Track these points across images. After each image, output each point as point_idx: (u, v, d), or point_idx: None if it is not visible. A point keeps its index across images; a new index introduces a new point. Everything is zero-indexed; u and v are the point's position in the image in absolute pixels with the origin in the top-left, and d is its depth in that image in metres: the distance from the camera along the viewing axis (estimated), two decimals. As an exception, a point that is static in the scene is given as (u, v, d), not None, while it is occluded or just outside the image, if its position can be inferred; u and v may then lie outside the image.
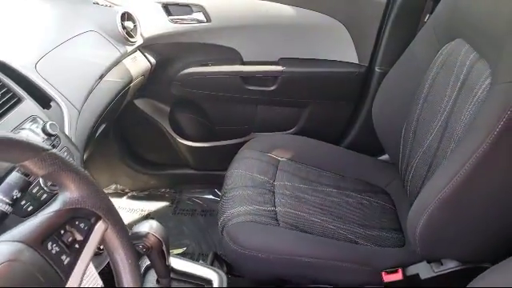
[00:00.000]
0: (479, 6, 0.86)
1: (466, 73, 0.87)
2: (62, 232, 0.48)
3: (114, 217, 0.53)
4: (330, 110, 1.42)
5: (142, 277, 0.86)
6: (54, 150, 0.47)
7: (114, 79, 1.15)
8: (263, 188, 1.09)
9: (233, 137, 1.50)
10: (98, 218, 0.52)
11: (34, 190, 0.68)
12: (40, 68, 0.89)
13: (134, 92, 1.33)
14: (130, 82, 1.23)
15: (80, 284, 0.48)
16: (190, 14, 1.32)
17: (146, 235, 0.69)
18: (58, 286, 0.44)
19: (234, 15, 1.32)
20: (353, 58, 1.32)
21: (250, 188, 1.08)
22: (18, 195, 0.53)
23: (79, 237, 0.49)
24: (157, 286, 0.84)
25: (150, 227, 0.72)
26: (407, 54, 1.13)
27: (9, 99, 0.77)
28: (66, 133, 0.85)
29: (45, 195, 0.70)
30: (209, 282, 0.88)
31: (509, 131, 0.67)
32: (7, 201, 0.52)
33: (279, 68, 1.35)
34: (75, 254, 0.48)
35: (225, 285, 0.88)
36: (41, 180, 0.70)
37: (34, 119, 0.78)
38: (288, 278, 0.95)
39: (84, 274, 0.49)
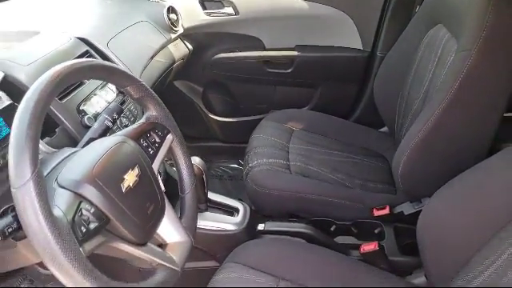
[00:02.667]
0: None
1: (441, 50, 1.09)
2: (148, 135, 0.75)
3: (178, 133, 0.80)
4: (339, 89, 1.66)
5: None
6: (144, 83, 0.74)
7: (162, 60, 1.43)
8: (279, 148, 1.32)
9: (255, 113, 1.75)
10: (168, 132, 0.78)
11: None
12: (110, 46, 1.18)
13: (175, 73, 1.61)
14: (173, 63, 1.51)
15: (158, 168, 0.74)
16: (221, 9, 1.60)
17: None
18: (149, 166, 0.70)
19: (257, 9, 1.59)
20: (357, 44, 1.56)
21: (268, 147, 1.32)
22: (116, 116, 0.81)
23: (158, 140, 0.76)
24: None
25: (193, 160, 0.97)
26: (401, 40, 1.35)
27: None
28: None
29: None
30: (236, 209, 1.14)
31: (463, 89, 0.91)
32: (110, 119, 0.79)
33: (295, 53, 1.61)
34: (156, 149, 0.75)
35: (248, 213, 1.14)
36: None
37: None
38: (297, 212, 1.19)
39: (160, 163, 0.75)
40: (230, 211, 1.13)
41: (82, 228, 0.54)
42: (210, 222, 1.07)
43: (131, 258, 0.64)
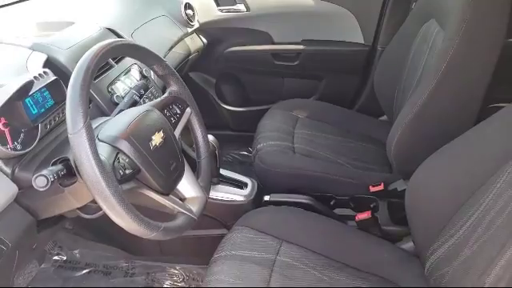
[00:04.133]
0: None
1: (432, 41, 1.20)
2: (170, 107, 0.88)
3: (195, 107, 0.93)
4: (342, 80, 1.78)
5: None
6: (168, 62, 0.87)
7: (179, 51, 1.56)
8: (285, 133, 1.43)
9: (264, 103, 1.87)
10: (187, 105, 0.91)
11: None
12: (134, 36, 1.31)
13: (191, 65, 1.74)
14: (189, 55, 1.64)
15: (179, 135, 0.87)
16: (234, 5, 1.74)
17: None
18: (171, 132, 0.83)
19: (267, 6, 1.72)
20: (359, 38, 1.67)
21: (275, 132, 1.44)
22: (142, 92, 0.94)
23: (178, 111, 0.89)
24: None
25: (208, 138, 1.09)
26: (398, 35, 1.45)
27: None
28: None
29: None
30: (245, 184, 1.26)
31: (448, 73, 1.02)
32: (138, 94, 0.93)
33: (301, 47, 1.73)
34: (177, 119, 0.88)
35: (256, 187, 1.26)
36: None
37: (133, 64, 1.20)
38: (299, 189, 1.30)
39: (180, 130, 0.88)
40: (240, 185, 1.25)
41: (120, 171, 0.67)
42: (222, 193, 1.20)
43: (157, 205, 0.76)
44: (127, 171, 0.69)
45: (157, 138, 0.77)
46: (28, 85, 0.75)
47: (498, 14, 0.98)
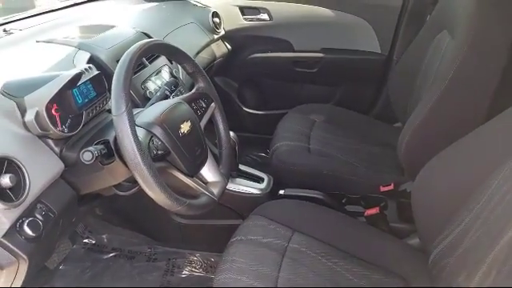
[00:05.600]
0: (456, 4, 1.27)
1: (444, 51, 1.27)
2: (197, 101, 0.98)
3: (219, 103, 1.03)
4: (359, 88, 1.86)
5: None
6: (196, 61, 0.98)
7: (205, 56, 1.68)
8: (301, 134, 1.52)
9: (283, 107, 1.96)
10: (212, 101, 1.02)
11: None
12: (165, 40, 1.43)
13: (215, 69, 1.86)
14: (214, 60, 1.76)
15: (204, 126, 0.97)
16: (257, 15, 1.86)
17: None
18: (198, 123, 0.93)
19: (289, 16, 1.83)
20: (376, 48, 1.77)
21: (292, 133, 1.53)
22: (173, 88, 1.05)
23: (204, 105, 0.99)
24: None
25: (229, 134, 1.19)
26: (413, 45, 1.52)
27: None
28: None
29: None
30: (262, 178, 1.35)
31: (455, 80, 1.08)
32: (169, 90, 1.04)
33: (320, 55, 1.83)
34: (203, 112, 0.98)
35: (272, 182, 1.35)
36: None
37: (164, 65, 1.31)
38: (313, 185, 1.37)
39: (205, 122, 0.99)
40: (257, 180, 1.35)
41: (154, 151, 0.78)
42: (240, 186, 1.30)
43: (183, 185, 0.86)
44: (159, 152, 0.80)
45: (185, 127, 0.87)
46: (78, 76, 0.87)
47: (505, 22, 1.03)
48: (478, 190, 0.86)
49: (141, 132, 0.79)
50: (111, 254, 1.47)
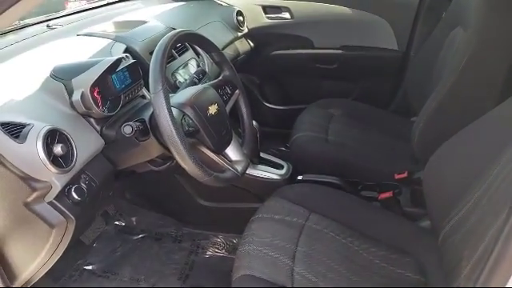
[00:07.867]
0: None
1: (457, 45, 1.32)
2: (223, 88, 1.07)
3: (242, 90, 1.12)
4: (377, 83, 1.92)
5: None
6: (224, 51, 1.07)
7: (229, 52, 1.77)
8: (320, 126, 1.59)
9: (302, 103, 2.03)
10: (236, 88, 1.11)
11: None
12: (193, 37, 1.53)
13: (238, 66, 1.94)
14: (237, 56, 1.85)
15: (229, 110, 1.06)
16: (279, 13, 1.94)
17: None
18: (223, 107, 1.02)
19: (309, 15, 1.91)
20: (393, 45, 1.82)
21: (310, 124, 1.60)
22: (201, 76, 1.14)
23: (229, 92, 1.08)
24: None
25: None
26: (429, 41, 1.58)
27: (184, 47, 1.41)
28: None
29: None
30: (281, 166, 1.43)
31: (466, 70, 1.14)
32: (197, 78, 1.13)
33: (340, 52, 1.90)
34: (228, 98, 1.07)
35: (291, 169, 1.43)
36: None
37: (191, 59, 1.41)
38: (330, 173, 1.43)
39: (230, 107, 1.07)
40: (277, 166, 1.42)
41: (185, 127, 0.87)
42: (261, 171, 1.37)
43: (210, 160, 0.95)
44: (190, 129, 0.89)
45: (212, 109, 0.96)
46: (118, 61, 0.97)
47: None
48: (484, 172, 0.92)
49: (174, 111, 0.88)
50: (140, 236, 1.57)
